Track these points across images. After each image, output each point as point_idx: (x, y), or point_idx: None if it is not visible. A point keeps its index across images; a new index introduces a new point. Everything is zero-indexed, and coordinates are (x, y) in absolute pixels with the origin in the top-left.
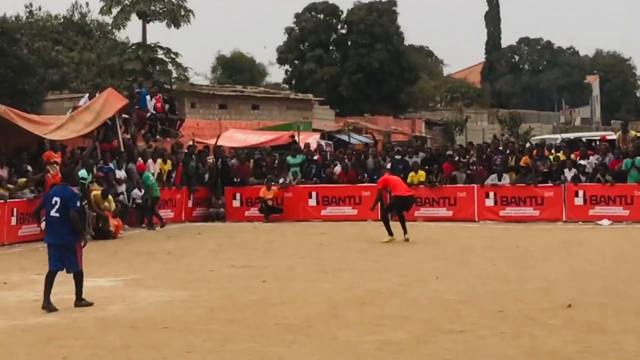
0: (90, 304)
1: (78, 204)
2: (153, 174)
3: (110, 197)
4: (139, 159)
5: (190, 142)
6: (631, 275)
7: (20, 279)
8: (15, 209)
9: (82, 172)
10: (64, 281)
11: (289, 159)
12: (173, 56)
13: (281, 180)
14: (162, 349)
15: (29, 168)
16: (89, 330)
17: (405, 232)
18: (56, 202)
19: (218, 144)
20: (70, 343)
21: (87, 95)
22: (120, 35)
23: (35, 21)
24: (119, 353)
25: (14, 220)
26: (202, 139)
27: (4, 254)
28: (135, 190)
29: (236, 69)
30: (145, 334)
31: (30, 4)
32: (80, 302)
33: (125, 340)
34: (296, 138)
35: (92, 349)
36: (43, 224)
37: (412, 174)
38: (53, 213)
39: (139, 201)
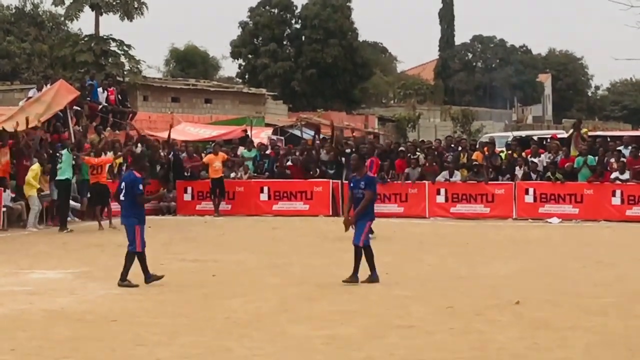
0: (135, 286)
1: (141, 187)
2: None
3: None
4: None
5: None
6: (578, 273)
7: None
8: None
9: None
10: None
11: (244, 152)
12: (126, 48)
13: (232, 175)
14: (110, 341)
15: None
16: (36, 323)
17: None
18: (123, 187)
19: (170, 137)
20: (18, 335)
21: (35, 87)
22: (73, 26)
23: None
24: (66, 345)
25: None
26: (154, 132)
27: None
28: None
29: (189, 62)
30: (94, 326)
31: None
32: (122, 282)
33: (73, 332)
34: (248, 132)
35: (40, 340)
36: None
37: None
38: (121, 197)
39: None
